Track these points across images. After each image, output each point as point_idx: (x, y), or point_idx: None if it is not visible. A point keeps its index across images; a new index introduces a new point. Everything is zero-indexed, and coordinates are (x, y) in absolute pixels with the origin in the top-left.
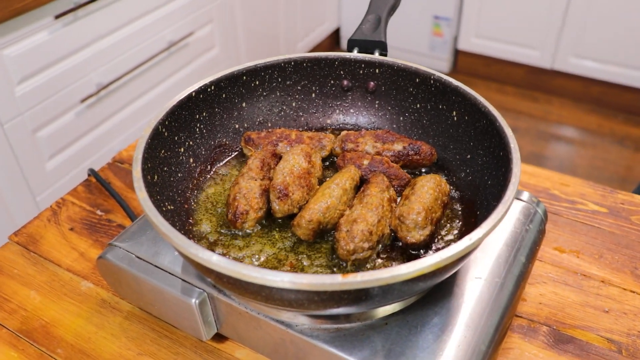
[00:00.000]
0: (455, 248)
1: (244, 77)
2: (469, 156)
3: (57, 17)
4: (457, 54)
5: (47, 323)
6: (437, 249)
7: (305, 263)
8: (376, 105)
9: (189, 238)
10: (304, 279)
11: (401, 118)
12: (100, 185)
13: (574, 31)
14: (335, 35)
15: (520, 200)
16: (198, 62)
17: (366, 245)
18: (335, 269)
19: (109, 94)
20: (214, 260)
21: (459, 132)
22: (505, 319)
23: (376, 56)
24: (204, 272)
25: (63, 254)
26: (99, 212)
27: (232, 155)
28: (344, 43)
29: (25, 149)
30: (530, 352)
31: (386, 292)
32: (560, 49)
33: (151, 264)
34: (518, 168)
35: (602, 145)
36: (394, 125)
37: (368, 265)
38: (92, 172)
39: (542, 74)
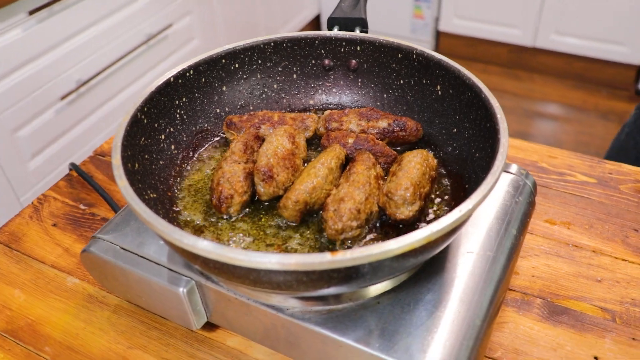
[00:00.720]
0: (445, 220)
1: (224, 60)
2: (455, 130)
3: (31, 12)
4: (439, 35)
5: (34, 321)
6: (427, 223)
7: (293, 245)
8: (359, 84)
9: (173, 225)
10: (292, 259)
11: (385, 95)
12: (82, 179)
13: (555, 8)
14: (316, 21)
15: (509, 172)
16: (178, 54)
17: (354, 223)
18: (324, 250)
19: (89, 89)
20: (200, 245)
21: (444, 106)
22: (499, 292)
23: (357, 33)
24: (190, 258)
25: (47, 250)
26: (82, 207)
27: (215, 140)
28: (325, 29)
29: (6, 149)
30: (525, 325)
31: (377, 269)
32: (541, 27)
33: (136, 254)
34: (506, 138)
35: (587, 120)
36: (378, 103)
37: (356, 246)
38: (73, 166)
39: (524, 52)
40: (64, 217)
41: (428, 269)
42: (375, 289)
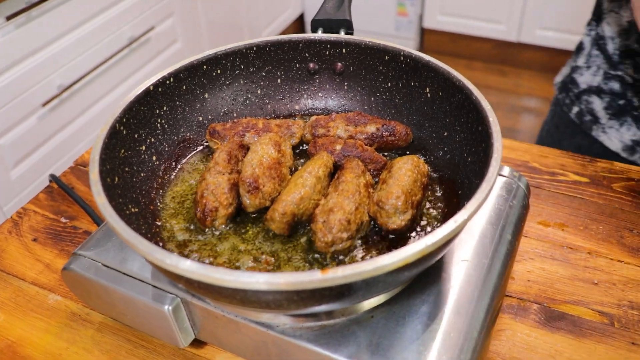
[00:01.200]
0: (440, 232)
1: (205, 67)
2: (445, 134)
3: (9, 18)
4: (423, 32)
5: (14, 342)
6: (419, 233)
7: (282, 259)
8: (345, 87)
9: (157, 242)
10: (281, 278)
11: (372, 98)
12: (63, 191)
13: (538, 2)
14: (300, 21)
15: (502, 175)
16: (161, 57)
17: (345, 235)
18: (315, 264)
19: (72, 95)
20: (183, 266)
21: (433, 109)
22: (495, 301)
23: (342, 35)
24: (173, 278)
25: (27, 266)
26: (63, 220)
27: (198, 150)
28: (309, 29)
29: None
30: (522, 332)
31: (370, 285)
32: (525, 22)
33: (119, 271)
34: (499, 142)
35: None
36: (366, 107)
37: (347, 258)
38: (53, 178)
39: (509, 48)
40: (45, 232)
41: (422, 279)
42: (369, 303)
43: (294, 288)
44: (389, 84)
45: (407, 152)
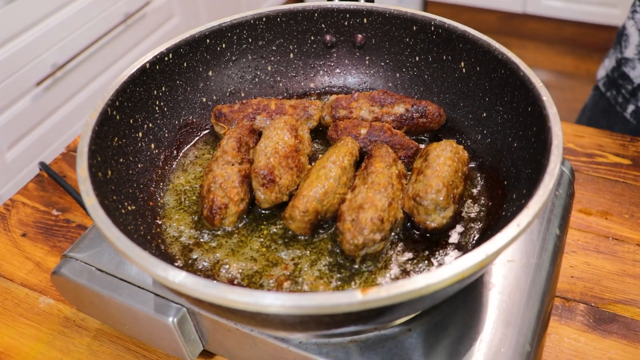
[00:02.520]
0: (501, 239)
1: (208, 41)
2: (484, 114)
3: None
4: (427, 4)
5: (1, 353)
6: (462, 234)
7: (303, 265)
8: (367, 62)
9: (157, 244)
10: (312, 300)
11: (398, 75)
12: (54, 180)
13: None
14: None
15: None
16: (158, 33)
17: (378, 236)
18: (342, 271)
19: (66, 74)
20: (190, 284)
21: (469, 87)
22: (546, 306)
23: (363, 3)
24: (180, 295)
25: (15, 265)
26: (55, 212)
27: (202, 135)
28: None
29: None
30: (569, 337)
31: (415, 303)
32: None
33: (116, 277)
34: (558, 126)
35: (579, 87)
36: (390, 84)
37: (380, 264)
38: (43, 166)
39: (514, 19)
40: (35, 226)
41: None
42: None
43: (329, 312)
44: (417, 58)
45: (440, 136)
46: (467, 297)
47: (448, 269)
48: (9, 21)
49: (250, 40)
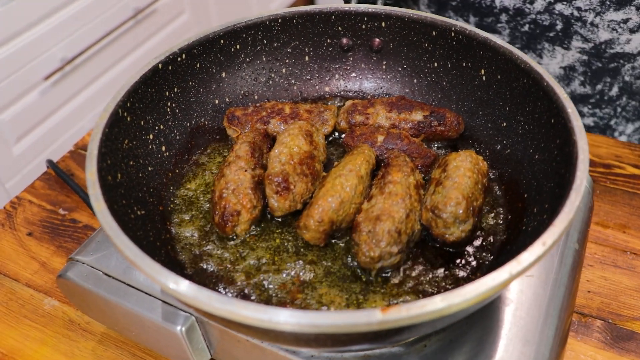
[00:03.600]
0: (526, 258)
1: (222, 42)
2: (504, 124)
3: None
4: None
5: (5, 355)
6: (480, 247)
7: (316, 276)
8: (383, 67)
9: (167, 251)
10: (329, 318)
11: (415, 80)
12: (61, 179)
13: None
14: None
15: None
16: (168, 29)
17: (395, 249)
18: (357, 282)
19: (75, 68)
20: (203, 298)
21: (489, 95)
22: (564, 322)
23: (380, 7)
24: (191, 307)
25: (21, 265)
26: (61, 212)
27: (214, 138)
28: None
29: None
30: (586, 355)
31: (436, 322)
32: None
33: (123, 282)
34: (584, 140)
35: None
36: (407, 90)
37: (398, 277)
38: (50, 164)
39: None
40: (41, 225)
41: None
42: None
43: (347, 330)
44: (436, 64)
45: (457, 145)
46: (484, 314)
47: (471, 288)
48: (19, 15)
49: (265, 42)
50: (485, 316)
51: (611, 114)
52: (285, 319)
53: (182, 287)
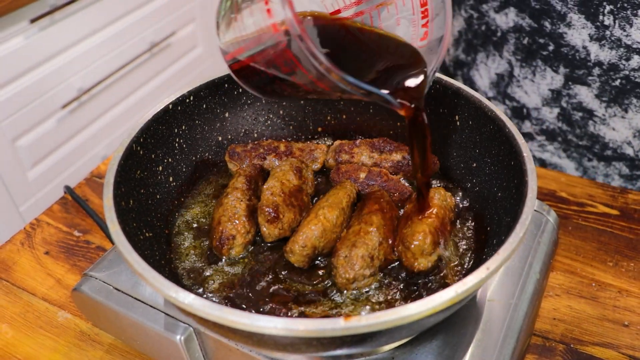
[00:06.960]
0: (470, 280)
1: (226, 85)
2: (474, 165)
3: (33, 21)
4: None
5: None
6: (447, 276)
7: (300, 293)
8: (371, 110)
9: (171, 269)
10: (301, 324)
11: (399, 123)
12: (77, 203)
13: None
14: None
15: None
16: (182, 62)
17: (367, 272)
18: (333, 299)
19: (91, 98)
20: (197, 305)
21: (462, 138)
22: (521, 343)
23: None
24: (188, 315)
25: (38, 281)
26: (76, 233)
27: (216, 171)
28: None
29: (5, 159)
30: None
31: (393, 332)
32: None
33: (131, 296)
34: (534, 181)
35: None
36: (391, 132)
37: (365, 297)
38: (67, 190)
39: None
40: (57, 245)
41: (447, 319)
42: (389, 344)
43: (315, 335)
44: None
45: (434, 181)
46: (448, 331)
47: (421, 303)
48: (41, 46)
49: None
50: (450, 334)
51: None
52: (263, 323)
53: (181, 296)
